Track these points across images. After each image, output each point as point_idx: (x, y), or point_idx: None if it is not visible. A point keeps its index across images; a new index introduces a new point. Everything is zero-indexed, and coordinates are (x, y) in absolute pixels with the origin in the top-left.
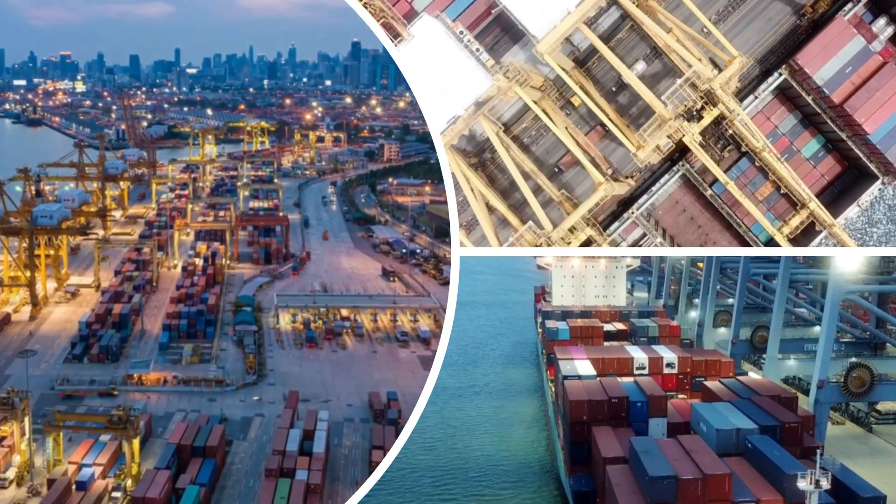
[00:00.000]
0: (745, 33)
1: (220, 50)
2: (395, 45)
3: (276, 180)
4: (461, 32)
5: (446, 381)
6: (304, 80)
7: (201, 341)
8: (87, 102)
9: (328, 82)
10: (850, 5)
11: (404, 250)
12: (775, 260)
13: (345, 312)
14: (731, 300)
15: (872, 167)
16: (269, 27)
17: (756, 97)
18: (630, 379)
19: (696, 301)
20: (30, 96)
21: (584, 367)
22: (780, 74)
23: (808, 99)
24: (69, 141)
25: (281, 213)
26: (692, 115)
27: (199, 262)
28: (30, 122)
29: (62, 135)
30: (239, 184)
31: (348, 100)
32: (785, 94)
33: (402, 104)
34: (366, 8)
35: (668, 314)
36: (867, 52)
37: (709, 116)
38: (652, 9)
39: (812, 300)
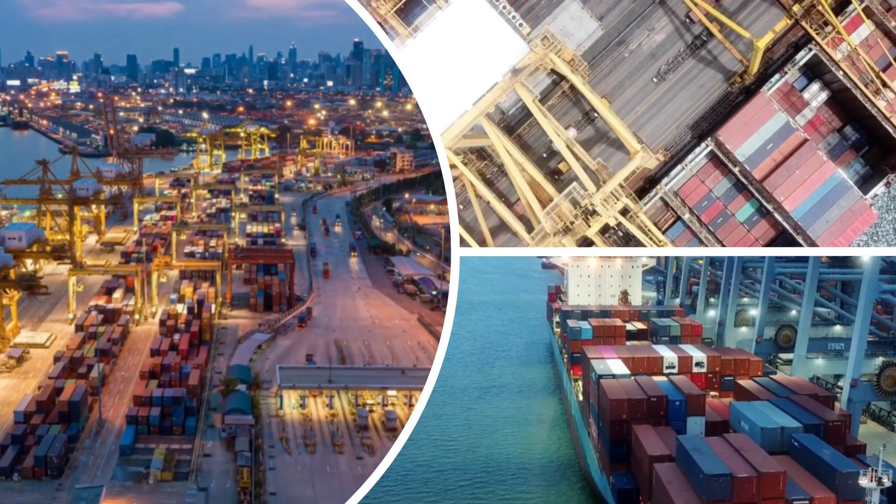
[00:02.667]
0: (677, 99)
1: (220, 50)
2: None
3: (276, 195)
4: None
5: (465, 383)
6: (305, 80)
7: (178, 440)
8: (79, 104)
9: (329, 83)
10: (777, 76)
11: (434, 292)
12: (794, 259)
13: (370, 395)
14: (745, 299)
15: (799, 239)
16: (272, 27)
17: (684, 167)
18: (662, 378)
19: (711, 300)
20: (22, 97)
21: (617, 366)
22: (707, 145)
23: (735, 170)
24: (55, 146)
25: (283, 240)
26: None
27: (183, 310)
28: (16, 125)
29: (48, 139)
30: (235, 205)
31: (352, 101)
32: (718, 159)
33: (409, 106)
34: None
35: (685, 313)
36: (788, 129)
37: (593, 227)
38: (577, 85)
39: (834, 298)
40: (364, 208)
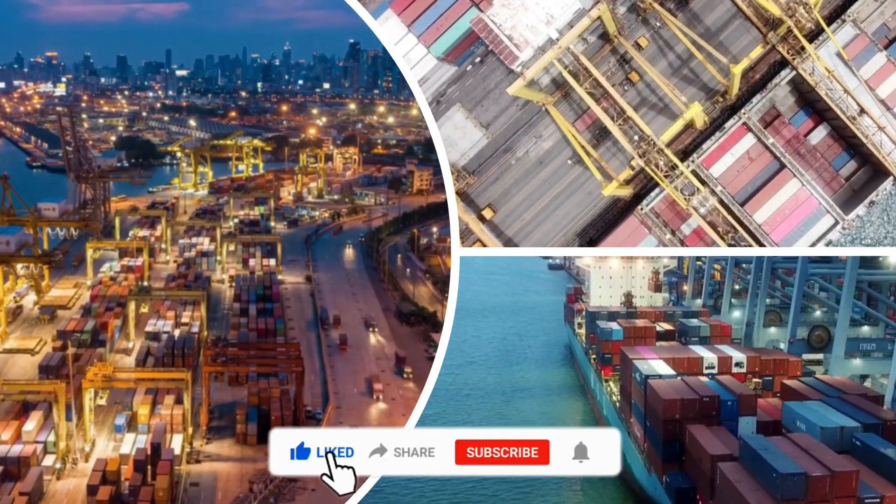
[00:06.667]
0: (565, 206)
1: (215, 51)
2: None
3: (273, 227)
4: None
5: (491, 386)
6: (300, 82)
7: None
8: (60, 109)
9: (326, 85)
10: (657, 190)
11: None
12: (820, 260)
13: None
14: (767, 300)
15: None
16: (267, 28)
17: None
18: (705, 378)
19: (733, 301)
20: (3, 100)
21: (661, 366)
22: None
23: None
24: (24, 158)
25: (284, 304)
26: None
27: (130, 451)
28: None
29: (18, 149)
30: (220, 254)
31: (352, 106)
32: None
33: (414, 111)
34: None
35: (709, 314)
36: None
37: None
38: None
39: (862, 297)
40: (382, 248)
